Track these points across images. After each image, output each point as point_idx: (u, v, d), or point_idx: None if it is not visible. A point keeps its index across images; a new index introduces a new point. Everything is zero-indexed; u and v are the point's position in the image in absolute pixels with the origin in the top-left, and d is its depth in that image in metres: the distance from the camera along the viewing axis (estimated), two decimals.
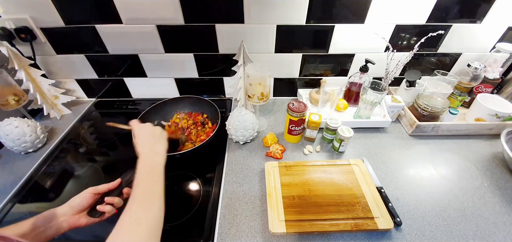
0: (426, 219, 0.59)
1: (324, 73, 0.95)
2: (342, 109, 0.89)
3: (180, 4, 0.74)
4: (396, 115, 0.87)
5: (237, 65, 0.79)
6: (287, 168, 0.68)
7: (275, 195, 0.61)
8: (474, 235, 0.56)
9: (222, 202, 0.63)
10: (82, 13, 0.77)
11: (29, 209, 0.64)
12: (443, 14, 0.78)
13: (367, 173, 0.66)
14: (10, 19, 0.74)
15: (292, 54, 0.88)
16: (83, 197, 0.47)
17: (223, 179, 0.69)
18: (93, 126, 0.91)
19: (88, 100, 1.04)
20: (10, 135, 0.71)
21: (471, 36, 0.84)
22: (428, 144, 0.80)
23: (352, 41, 0.85)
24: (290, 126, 0.75)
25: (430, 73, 0.92)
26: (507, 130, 0.73)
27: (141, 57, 0.89)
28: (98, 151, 0.80)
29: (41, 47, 0.83)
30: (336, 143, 0.75)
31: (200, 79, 0.95)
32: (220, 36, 0.82)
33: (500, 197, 0.64)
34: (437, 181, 0.68)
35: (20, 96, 0.81)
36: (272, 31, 0.81)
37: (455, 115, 0.80)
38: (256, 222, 0.59)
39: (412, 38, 0.84)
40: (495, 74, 0.87)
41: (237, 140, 0.78)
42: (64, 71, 0.92)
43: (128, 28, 0.79)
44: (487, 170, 0.71)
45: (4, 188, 0.67)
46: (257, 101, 0.76)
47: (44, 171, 0.73)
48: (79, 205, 0.46)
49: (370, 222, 0.55)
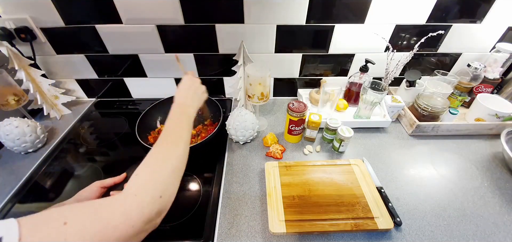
0: (426, 219, 0.59)
1: (324, 73, 0.95)
2: (342, 109, 0.89)
3: (180, 4, 0.74)
4: (396, 115, 0.87)
5: (237, 65, 0.79)
6: (287, 168, 0.68)
7: (275, 195, 0.61)
8: (474, 235, 0.56)
9: (222, 202, 0.63)
10: (82, 13, 0.77)
11: (29, 209, 0.64)
12: (443, 14, 0.78)
13: (367, 173, 0.66)
14: (10, 19, 0.74)
15: (292, 54, 0.88)
16: (90, 190, 0.47)
17: (223, 179, 0.69)
18: (93, 126, 0.91)
19: (88, 100, 1.04)
20: (10, 135, 0.71)
21: (471, 36, 0.84)
22: (428, 144, 0.80)
23: (352, 41, 0.85)
24: (290, 126, 0.75)
25: (430, 73, 0.92)
26: (507, 130, 0.73)
27: (141, 57, 0.89)
28: (98, 151, 0.80)
29: (41, 47, 0.83)
30: (336, 143, 0.75)
31: (200, 79, 0.95)
32: (220, 36, 0.82)
33: (500, 197, 0.64)
34: (437, 181, 0.68)
35: (20, 96, 0.81)
36: (272, 31, 0.81)
37: (455, 115, 0.80)
38: (256, 222, 0.59)
39: (412, 38, 0.84)
40: (495, 74, 0.87)
41: (237, 139, 0.78)
42: (64, 71, 0.92)
43: (128, 28, 0.79)
44: (487, 170, 0.71)
45: (4, 188, 0.67)
46: (257, 101, 0.76)
47: (44, 171, 0.73)
48: (87, 198, 0.46)
49: (370, 222, 0.55)
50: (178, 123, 0.47)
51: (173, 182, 0.38)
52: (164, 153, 0.40)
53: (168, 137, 0.43)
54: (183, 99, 0.53)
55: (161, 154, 0.40)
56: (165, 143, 0.42)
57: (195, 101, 0.55)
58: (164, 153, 0.40)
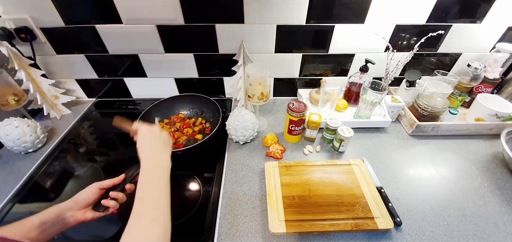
0: (426, 219, 0.59)
1: (324, 73, 0.95)
2: (342, 109, 0.89)
3: (180, 4, 0.74)
4: (396, 115, 0.87)
5: (237, 65, 0.79)
6: (287, 168, 0.68)
7: (275, 195, 0.61)
8: (474, 235, 0.56)
9: (222, 202, 0.63)
10: (82, 13, 0.77)
11: (29, 209, 0.64)
12: (443, 14, 0.78)
13: (367, 173, 0.66)
14: (10, 19, 0.74)
15: (292, 54, 0.88)
16: (89, 192, 0.47)
17: (223, 179, 0.69)
18: (93, 126, 0.91)
19: (88, 100, 1.04)
20: (10, 135, 0.71)
21: (471, 36, 0.84)
22: (428, 144, 0.80)
23: (352, 41, 0.85)
24: (290, 126, 0.75)
25: (430, 73, 0.92)
26: (507, 130, 0.73)
27: (141, 57, 0.89)
28: (98, 151, 0.80)
29: (41, 47, 0.83)
30: (336, 143, 0.75)
31: (200, 79, 0.95)
32: (220, 36, 0.82)
33: (500, 197, 0.64)
34: (437, 181, 0.68)
35: (20, 96, 0.81)
36: (272, 31, 0.81)
37: (455, 115, 0.80)
38: (256, 222, 0.59)
39: (412, 38, 0.84)
40: (495, 74, 0.87)
41: (237, 139, 0.78)
42: (64, 71, 0.92)
43: (128, 28, 0.79)
44: (487, 170, 0.71)
45: (4, 188, 0.67)
46: (257, 101, 0.76)
47: (44, 171, 0.73)
48: (85, 200, 0.46)
49: (370, 222, 0.55)
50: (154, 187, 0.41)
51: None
52: (145, 235, 0.35)
53: (146, 212, 0.37)
54: (152, 154, 0.46)
55: (143, 237, 0.35)
56: (144, 222, 0.36)
57: (165, 151, 0.49)
58: (146, 236, 0.35)
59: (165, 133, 0.53)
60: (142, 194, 0.39)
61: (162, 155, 0.48)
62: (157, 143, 0.49)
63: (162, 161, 0.47)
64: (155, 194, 0.41)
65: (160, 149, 0.48)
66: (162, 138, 0.51)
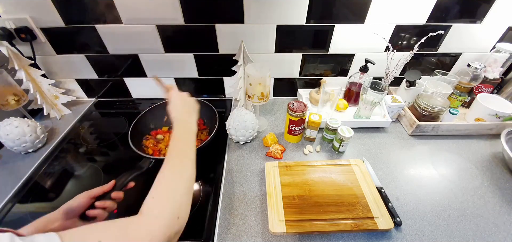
0: (426, 219, 0.59)
1: (324, 73, 0.95)
2: (342, 109, 0.89)
3: (180, 4, 0.74)
4: (396, 115, 0.87)
5: (237, 65, 0.79)
6: (287, 168, 0.68)
7: (275, 195, 0.61)
8: (474, 235, 0.56)
9: (222, 202, 0.63)
10: (82, 13, 0.77)
11: (29, 209, 0.64)
12: (443, 14, 0.78)
13: (367, 173, 0.66)
14: (10, 19, 0.74)
15: (292, 54, 0.88)
16: (79, 201, 0.45)
17: (223, 179, 0.69)
18: (93, 126, 0.91)
19: (88, 100, 1.04)
20: (10, 135, 0.71)
21: (471, 36, 0.84)
22: (428, 144, 0.80)
23: (352, 41, 0.85)
24: (290, 126, 0.75)
25: (430, 73, 0.92)
26: (507, 130, 0.73)
27: (141, 57, 0.89)
28: (98, 151, 0.80)
29: (41, 47, 0.83)
30: (336, 143, 0.75)
31: (200, 79, 0.95)
32: (220, 36, 0.82)
33: (500, 197, 0.64)
34: (437, 181, 0.68)
35: (20, 96, 0.81)
36: (272, 31, 0.81)
37: (455, 115, 0.80)
38: (256, 222, 0.59)
39: (412, 38, 0.84)
40: (495, 74, 0.87)
41: (237, 139, 0.78)
42: (64, 71, 0.92)
43: (128, 28, 0.79)
44: (487, 170, 0.71)
45: (4, 188, 0.67)
46: (257, 101, 0.76)
47: (44, 171, 0.73)
48: (74, 211, 0.45)
49: (370, 222, 0.55)
50: (183, 142, 0.48)
51: (187, 202, 0.40)
52: (175, 176, 0.41)
53: (176, 158, 0.44)
54: (182, 116, 0.52)
55: (173, 177, 0.41)
56: (175, 166, 0.43)
57: (193, 115, 0.55)
58: (176, 176, 0.41)
59: (193, 99, 0.59)
60: (172, 145, 0.46)
61: (190, 118, 0.54)
62: (186, 107, 0.55)
63: (189, 122, 0.53)
64: (184, 146, 0.47)
65: (190, 112, 0.55)
66: (191, 103, 0.57)
